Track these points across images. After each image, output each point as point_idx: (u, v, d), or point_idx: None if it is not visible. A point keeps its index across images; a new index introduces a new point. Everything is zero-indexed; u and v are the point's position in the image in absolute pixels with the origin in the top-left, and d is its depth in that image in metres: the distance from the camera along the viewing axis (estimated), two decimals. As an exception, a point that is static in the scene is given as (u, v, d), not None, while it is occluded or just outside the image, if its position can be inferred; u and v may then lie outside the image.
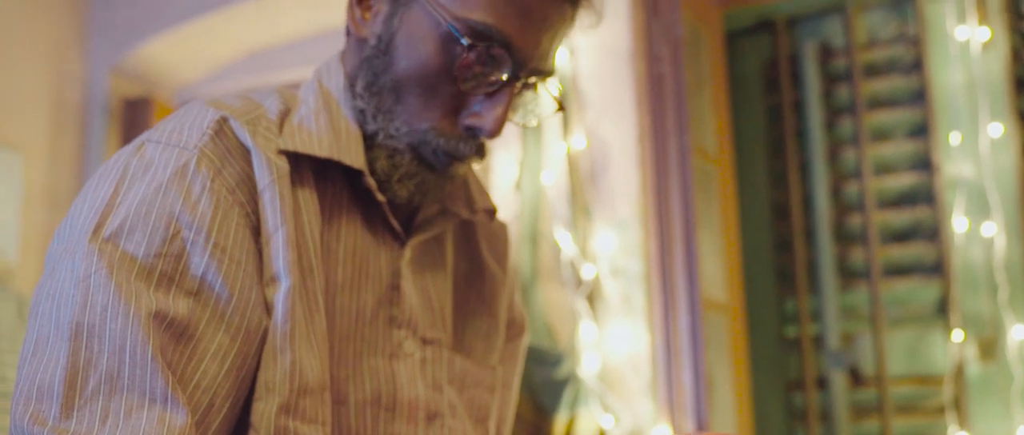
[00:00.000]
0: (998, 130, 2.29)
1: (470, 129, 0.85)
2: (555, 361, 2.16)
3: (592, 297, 2.18)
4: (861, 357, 2.41)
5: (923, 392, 2.34)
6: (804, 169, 2.54)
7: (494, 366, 0.99)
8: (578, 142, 2.24)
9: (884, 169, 2.45)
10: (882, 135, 2.46)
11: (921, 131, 2.41)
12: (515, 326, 1.05)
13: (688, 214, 2.20)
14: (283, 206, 0.79)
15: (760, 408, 2.50)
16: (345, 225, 0.86)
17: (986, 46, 2.32)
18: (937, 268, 2.35)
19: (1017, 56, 2.33)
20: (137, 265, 0.72)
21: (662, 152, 2.22)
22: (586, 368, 2.14)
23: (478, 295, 1.00)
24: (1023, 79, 2.33)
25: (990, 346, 2.28)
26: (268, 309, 0.78)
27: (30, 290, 2.71)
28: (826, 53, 2.55)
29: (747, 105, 2.63)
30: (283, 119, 0.85)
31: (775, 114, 2.60)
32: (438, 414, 0.91)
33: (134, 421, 0.68)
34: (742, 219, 2.57)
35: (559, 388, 2.15)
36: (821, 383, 2.45)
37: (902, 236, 2.41)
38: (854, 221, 2.45)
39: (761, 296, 2.55)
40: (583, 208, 2.22)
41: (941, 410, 2.30)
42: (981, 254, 2.29)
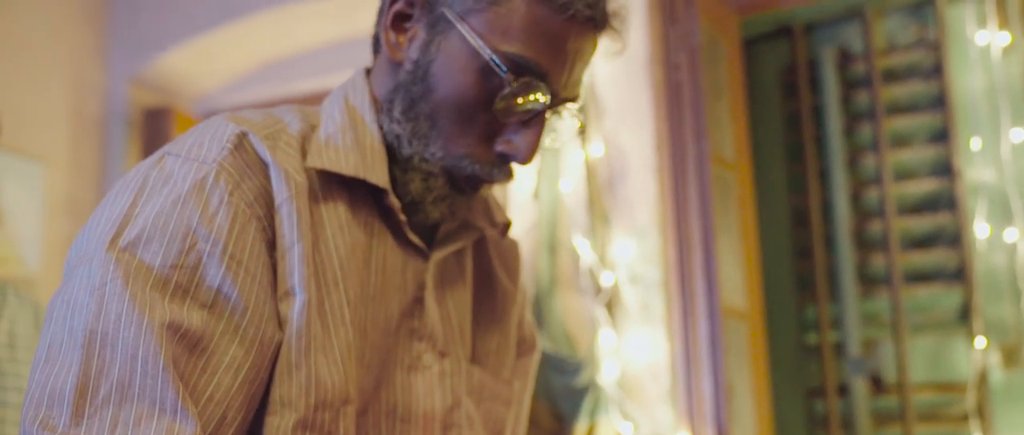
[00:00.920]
0: (1020, 135, 2.27)
1: (503, 155, 0.87)
2: (574, 369, 2.16)
3: (611, 305, 2.17)
4: (882, 364, 2.40)
5: (946, 399, 2.32)
6: (823, 175, 2.52)
7: (509, 380, 1.00)
8: (596, 150, 2.24)
9: (904, 175, 2.43)
10: (902, 141, 2.44)
11: (941, 136, 2.40)
12: (525, 343, 1.06)
13: (707, 221, 2.19)
14: (300, 222, 0.80)
15: (780, 416, 2.49)
16: (377, 237, 0.88)
17: (1006, 50, 2.31)
18: (959, 274, 2.33)
19: (1038, 60, 2.31)
20: (153, 275, 0.73)
21: (680, 159, 2.21)
22: (605, 376, 2.13)
23: (490, 310, 1.01)
24: (1045, 83, 2.31)
25: (1014, 353, 2.26)
26: (281, 323, 0.78)
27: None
28: (845, 58, 2.53)
29: (765, 111, 2.62)
30: (305, 136, 0.86)
31: (793, 120, 2.59)
32: (454, 426, 0.91)
33: (143, 430, 0.68)
34: (761, 226, 2.56)
35: (578, 396, 2.14)
36: (842, 390, 2.43)
37: (923, 242, 2.40)
38: (874, 227, 2.44)
39: (781, 303, 2.54)
40: (601, 216, 2.22)
41: (964, 418, 2.27)
42: (1004, 260, 2.27)
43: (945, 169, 2.38)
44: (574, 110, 0.92)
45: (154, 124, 2.98)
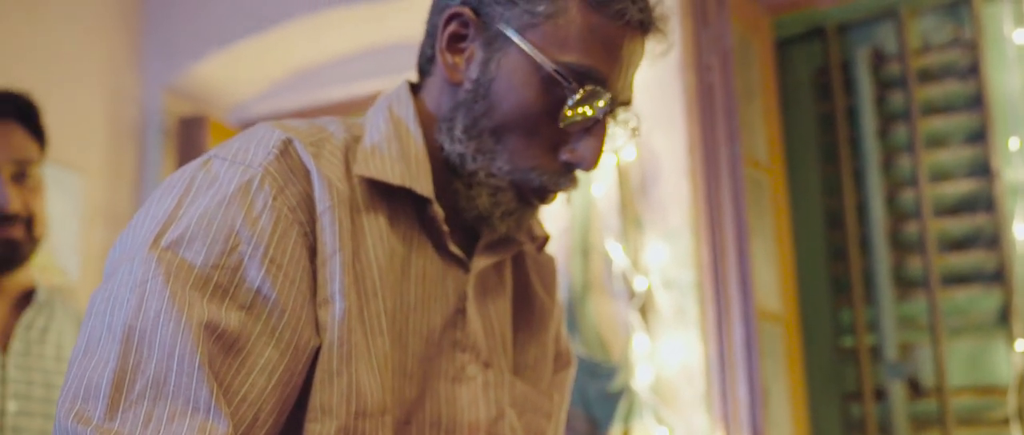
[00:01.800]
0: (1059, 134, 2.24)
1: (568, 164, 0.89)
2: (608, 374, 2.15)
3: (644, 309, 2.17)
4: (920, 368, 2.37)
5: (986, 403, 2.29)
6: (858, 177, 2.50)
7: (549, 393, 1.00)
8: (628, 153, 2.23)
9: (941, 176, 2.40)
10: (938, 141, 2.42)
11: (978, 137, 2.36)
12: (562, 358, 1.06)
13: (740, 224, 2.18)
14: (341, 230, 0.81)
15: (817, 420, 2.47)
16: (416, 248, 0.89)
17: (1045, 49, 2.28)
18: (998, 276, 2.30)
19: (1078, 58, 2.28)
20: (194, 274, 0.74)
21: (713, 162, 2.20)
22: (640, 381, 2.12)
23: (528, 323, 1.01)
24: (1084, 82, 2.28)
25: (1055, 355, 2.22)
26: (320, 330, 0.79)
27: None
28: (879, 59, 2.51)
29: (798, 113, 2.60)
30: (349, 146, 0.88)
31: (827, 122, 2.57)
32: None
33: (176, 427, 0.69)
34: (795, 228, 2.54)
35: (612, 401, 2.14)
36: (879, 394, 2.41)
37: (961, 244, 2.37)
38: (910, 229, 2.41)
39: (816, 306, 2.52)
40: (634, 219, 2.21)
41: (1005, 421, 2.24)
42: (1044, 261, 2.24)
43: (983, 170, 2.35)
44: (630, 113, 0.94)
45: (189, 133, 3.01)
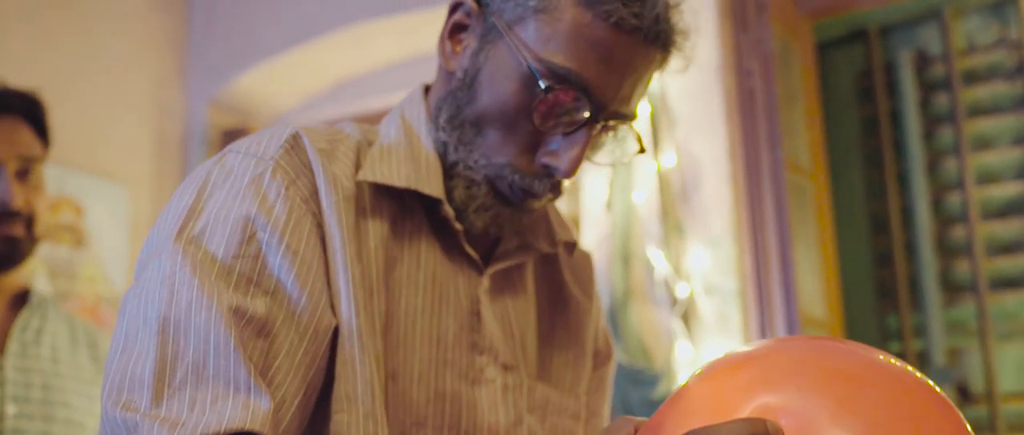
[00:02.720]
0: (1110, 135, 2.20)
1: (546, 167, 0.86)
2: (651, 381, 2.14)
3: (687, 316, 2.15)
4: (969, 373, 2.33)
5: (1037, 409, 2.24)
6: (902, 180, 2.47)
7: (580, 395, 0.99)
8: (669, 160, 2.22)
9: (988, 178, 2.37)
10: (985, 143, 2.38)
11: (1027, 138, 2.33)
12: (602, 354, 1.05)
13: (783, 230, 2.16)
14: (345, 227, 0.82)
15: (863, 427, 2.44)
16: (424, 252, 0.88)
17: (1094, 48, 2.23)
18: (1048, 280, 2.26)
19: None
20: (217, 265, 0.76)
21: (754, 167, 2.19)
22: (682, 388, 2.11)
23: (564, 324, 1.00)
24: None
25: (1109, 361, 2.18)
26: (335, 314, 0.81)
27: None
28: (922, 61, 2.48)
29: (841, 117, 2.58)
30: (361, 148, 0.88)
31: (870, 125, 2.54)
32: None
33: (220, 408, 0.71)
34: (839, 233, 2.51)
35: (655, 409, 2.13)
36: (927, 401, 2.37)
37: (1010, 247, 2.33)
38: (957, 233, 2.38)
39: (861, 312, 2.49)
40: (675, 226, 2.20)
41: (1058, 428, 2.20)
42: (1096, 264, 2.20)
43: (1031, 171, 2.31)
44: (632, 127, 0.90)
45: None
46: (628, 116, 0.88)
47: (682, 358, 2.13)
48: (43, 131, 1.53)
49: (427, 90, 0.96)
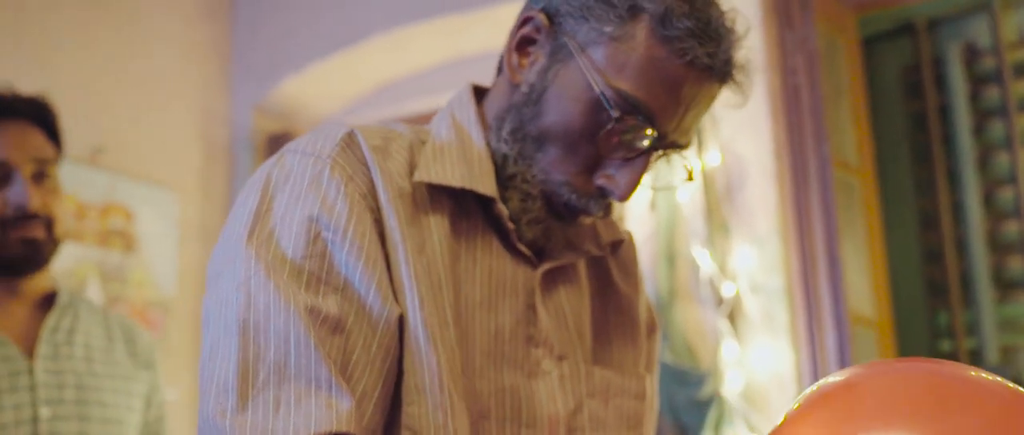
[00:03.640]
0: None
1: (602, 189, 0.88)
2: (697, 381, 2.13)
3: (733, 315, 2.14)
4: (1023, 371, 2.29)
5: (1096, 408, 2.20)
6: (952, 176, 2.43)
7: (642, 373, 1.00)
8: (713, 158, 2.21)
9: (1041, 173, 2.32)
10: (1037, 137, 2.33)
11: (1081, 131, 2.28)
12: (650, 323, 1.06)
13: (830, 227, 2.13)
14: (403, 223, 0.83)
15: (915, 427, 2.40)
16: (480, 247, 0.90)
17: None
18: (1106, 276, 2.21)
19: None
20: (288, 266, 0.79)
21: (800, 165, 2.16)
22: (729, 388, 2.10)
23: (616, 310, 1.02)
24: None
25: None
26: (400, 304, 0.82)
27: (188, 321, 2.85)
28: (971, 54, 2.44)
29: (888, 113, 2.54)
30: (414, 147, 0.90)
31: (918, 121, 2.50)
32: (578, 429, 0.92)
33: (304, 407, 0.73)
34: (887, 230, 2.48)
35: (702, 408, 2.11)
36: (981, 400, 2.33)
37: (1064, 243, 2.28)
38: (1010, 229, 2.33)
39: (911, 310, 2.45)
40: (720, 225, 2.19)
41: (1117, 427, 2.15)
42: None
43: (1086, 165, 2.26)
44: (684, 156, 0.92)
45: (277, 149, 3.07)
46: (685, 145, 0.90)
47: (728, 357, 2.11)
48: (54, 134, 1.53)
49: (475, 91, 0.97)
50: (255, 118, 3.09)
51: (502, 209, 0.89)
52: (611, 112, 0.84)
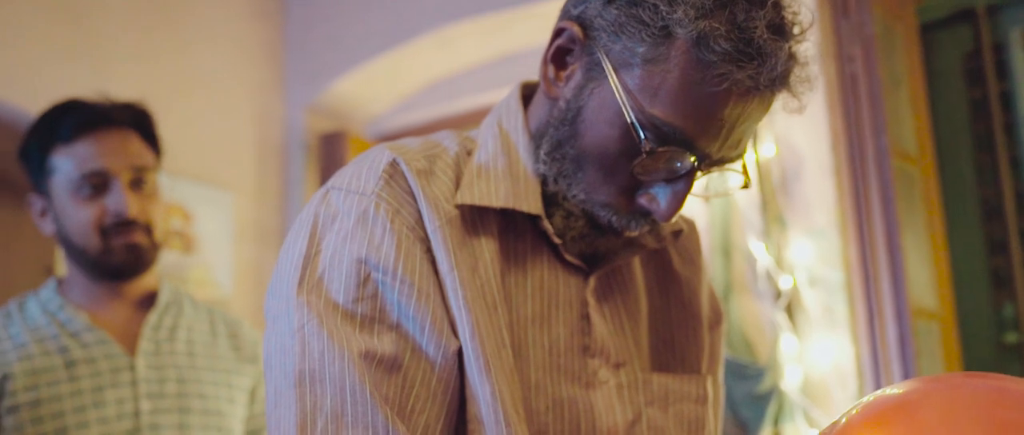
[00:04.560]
0: None
1: (644, 209, 0.86)
2: (755, 375, 2.11)
3: (791, 308, 2.11)
4: (1094, 364, 2.23)
5: None
6: (1016, 164, 2.37)
7: (703, 374, 0.98)
8: (768, 150, 2.18)
9: (1109, 159, 2.26)
10: (1105, 122, 2.27)
11: None
12: (714, 315, 1.04)
13: (890, 219, 2.09)
14: (453, 248, 0.82)
15: (980, 421, 2.35)
16: (530, 261, 0.89)
17: None
18: None
19: None
20: (340, 311, 0.79)
21: (858, 156, 2.13)
22: (788, 382, 2.07)
23: (677, 302, 1.00)
24: None
25: None
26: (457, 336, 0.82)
27: (245, 319, 2.88)
28: (1034, 39, 2.37)
29: (948, 101, 2.49)
30: (461, 160, 0.89)
31: (980, 108, 2.45)
32: None
33: None
34: (949, 221, 2.43)
35: (761, 403, 2.09)
36: (1048, 393, 2.27)
37: None
38: (1077, 217, 2.27)
39: (974, 301, 2.40)
40: (776, 217, 2.16)
41: None
42: None
43: None
44: (738, 167, 0.88)
45: (330, 148, 3.11)
46: (735, 159, 0.86)
47: (787, 351, 2.08)
48: (153, 140, 1.57)
49: (525, 89, 0.95)
50: (307, 119, 3.13)
51: (548, 227, 0.88)
52: (644, 142, 0.80)
